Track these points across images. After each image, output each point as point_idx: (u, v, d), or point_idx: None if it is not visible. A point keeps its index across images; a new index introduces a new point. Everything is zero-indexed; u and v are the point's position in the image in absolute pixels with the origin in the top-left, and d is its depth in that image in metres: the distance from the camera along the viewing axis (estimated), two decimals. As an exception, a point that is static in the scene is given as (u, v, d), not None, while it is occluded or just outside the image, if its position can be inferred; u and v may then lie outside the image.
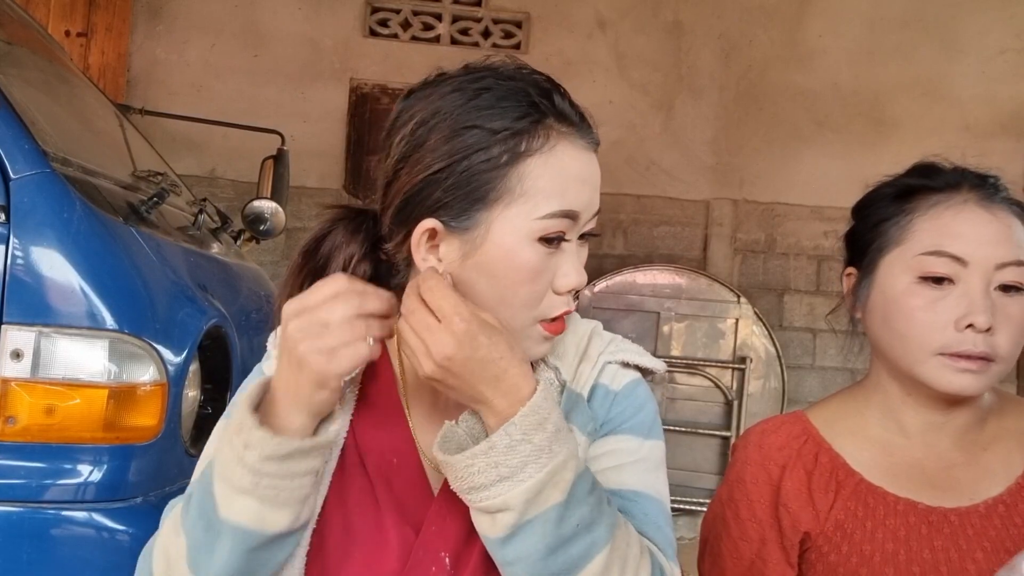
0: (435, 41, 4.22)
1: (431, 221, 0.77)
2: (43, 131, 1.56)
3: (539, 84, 0.79)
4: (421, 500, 0.80)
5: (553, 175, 0.76)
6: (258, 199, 2.53)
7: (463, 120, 0.76)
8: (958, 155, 1.03)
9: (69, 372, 1.41)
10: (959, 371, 0.92)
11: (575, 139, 0.78)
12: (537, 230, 0.76)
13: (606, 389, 0.85)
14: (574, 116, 0.79)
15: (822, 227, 4.24)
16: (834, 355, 4.22)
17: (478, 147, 0.75)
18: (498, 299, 0.77)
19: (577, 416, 0.82)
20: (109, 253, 1.49)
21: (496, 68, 0.80)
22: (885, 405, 1.02)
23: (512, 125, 0.76)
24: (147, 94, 3.99)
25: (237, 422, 0.72)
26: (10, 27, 1.93)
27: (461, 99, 0.77)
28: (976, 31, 4.28)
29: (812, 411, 1.07)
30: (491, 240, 0.76)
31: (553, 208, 0.76)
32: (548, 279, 0.78)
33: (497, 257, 0.76)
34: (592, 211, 0.80)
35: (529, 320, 0.78)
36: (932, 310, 0.93)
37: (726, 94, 4.31)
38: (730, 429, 3.93)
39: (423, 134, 0.77)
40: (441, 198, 0.76)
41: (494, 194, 0.75)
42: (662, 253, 4.27)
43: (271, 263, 4.06)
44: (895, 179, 1.03)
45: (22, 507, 1.40)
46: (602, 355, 0.87)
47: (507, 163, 0.75)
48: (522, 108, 0.76)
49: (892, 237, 0.98)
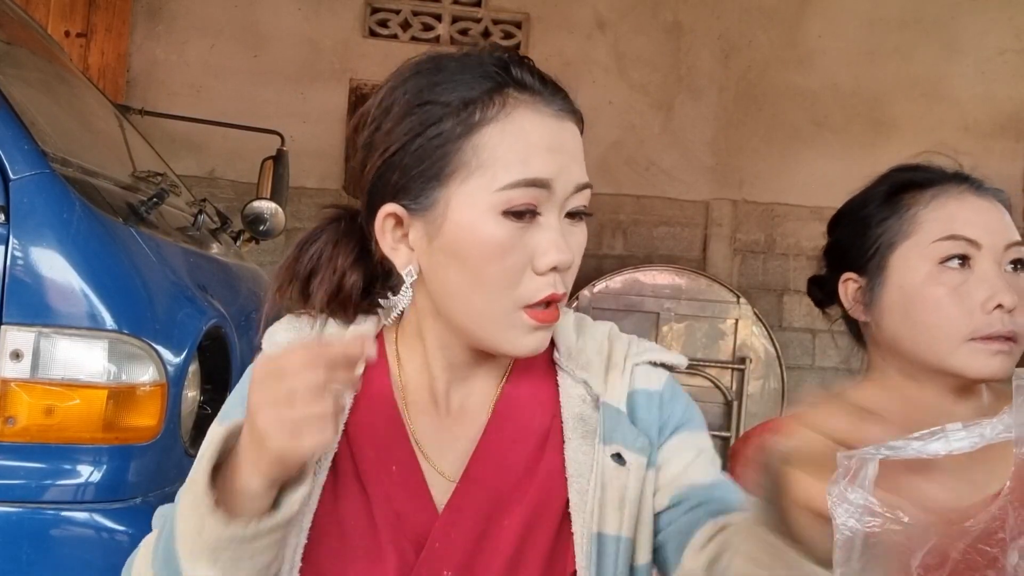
0: (435, 41, 4.22)
1: (391, 206, 0.74)
2: (43, 131, 1.56)
3: (496, 56, 0.75)
4: (422, 514, 0.76)
5: (511, 143, 0.71)
6: (258, 200, 2.54)
7: (416, 99, 0.73)
8: (957, 156, 1.04)
9: (69, 372, 1.41)
10: (992, 354, 0.92)
11: (538, 106, 0.73)
12: (499, 203, 0.70)
13: (647, 393, 0.81)
14: (535, 83, 0.74)
15: (822, 227, 4.17)
16: (834, 355, 4.20)
17: (430, 122, 0.72)
18: (470, 282, 0.72)
19: (622, 434, 0.77)
20: (109, 253, 1.49)
21: (460, 52, 0.77)
22: (895, 407, 1.01)
23: (464, 95, 0.71)
24: (147, 94, 3.98)
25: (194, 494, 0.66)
26: (10, 27, 1.93)
27: (416, 79, 0.74)
28: (975, 32, 4.28)
29: None
30: (450, 218, 0.71)
31: (514, 177, 0.70)
32: (524, 257, 0.71)
33: (459, 235, 0.71)
34: (572, 183, 0.73)
35: (510, 305, 0.72)
36: (957, 295, 0.93)
37: (725, 94, 4.32)
38: (730, 429, 3.93)
39: (380, 119, 0.75)
40: (399, 181, 0.73)
41: (449, 168, 0.71)
42: (662, 253, 4.27)
43: (271, 263, 4.05)
44: (883, 178, 1.03)
45: (22, 507, 1.40)
46: (627, 358, 0.82)
47: (460, 135, 0.71)
48: (476, 79, 0.72)
49: (900, 231, 0.98)
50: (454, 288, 0.73)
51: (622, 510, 0.75)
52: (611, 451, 0.76)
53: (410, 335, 0.82)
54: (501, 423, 0.80)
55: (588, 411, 0.79)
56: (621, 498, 0.76)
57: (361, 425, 0.78)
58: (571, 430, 0.78)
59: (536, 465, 0.78)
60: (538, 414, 0.81)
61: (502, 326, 0.73)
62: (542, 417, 0.80)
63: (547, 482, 0.77)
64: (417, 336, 0.81)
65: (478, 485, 0.77)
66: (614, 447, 0.76)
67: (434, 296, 0.76)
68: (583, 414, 0.79)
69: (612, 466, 0.76)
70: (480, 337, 0.75)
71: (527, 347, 0.74)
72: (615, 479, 0.76)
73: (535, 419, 0.80)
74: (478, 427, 0.80)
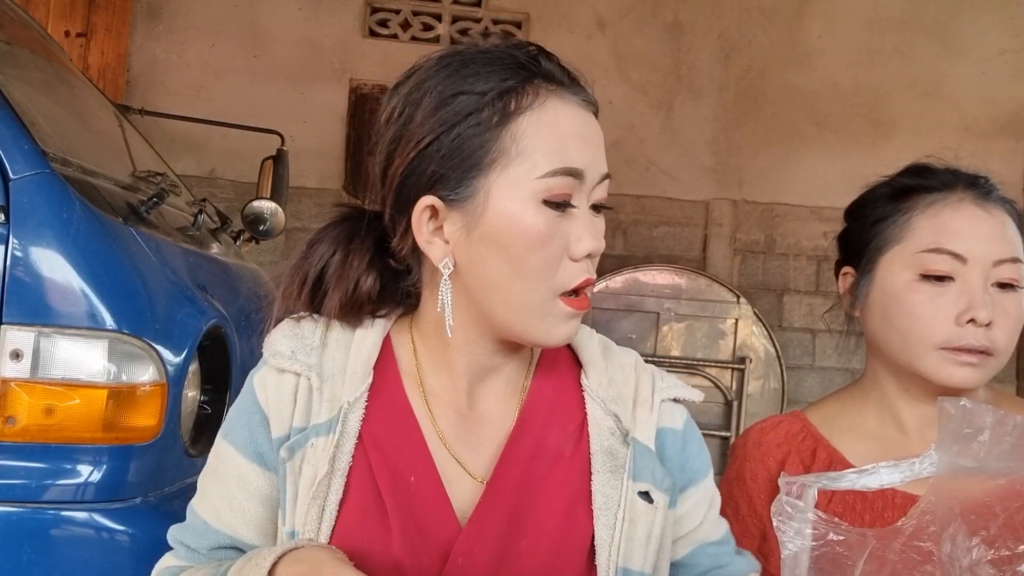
0: (435, 41, 4.22)
1: (429, 198, 0.74)
2: (43, 131, 1.56)
3: (524, 48, 0.76)
4: (443, 525, 0.75)
5: (548, 132, 0.72)
6: (258, 199, 2.53)
7: (449, 89, 0.73)
8: (957, 156, 1.04)
9: (69, 372, 1.41)
10: (960, 364, 0.93)
11: (567, 96, 0.75)
12: (539, 191, 0.72)
13: (673, 432, 0.83)
14: (562, 76, 0.76)
15: (821, 227, 4.24)
16: (833, 355, 4.21)
17: (466, 112, 0.72)
18: (511, 271, 0.72)
19: (651, 473, 0.78)
20: (109, 253, 1.49)
21: (480, 43, 0.77)
22: (882, 401, 1.03)
23: (499, 85, 0.72)
24: (147, 94, 3.98)
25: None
26: (10, 27, 1.93)
27: (445, 71, 0.75)
28: (975, 32, 4.28)
29: (810, 410, 1.08)
30: (492, 207, 0.72)
31: (553, 165, 0.72)
32: (561, 245, 0.73)
33: (501, 224, 0.72)
34: (598, 173, 0.75)
35: (548, 293, 0.73)
36: (933, 305, 0.94)
37: (725, 94, 4.32)
38: (730, 429, 3.93)
39: (410, 112, 0.75)
40: (436, 171, 0.73)
41: (488, 158, 0.72)
42: (662, 253, 4.27)
43: (271, 263, 4.05)
44: (890, 179, 1.04)
45: (22, 507, 1.40)
46: (655, 393, 0.83)
47: (498, 124, 0.72)
48: (508, 70, 0.73)
49: (891, 235, 0.99)
50: (495, 278, 0.73)
51: (647, 547, 0.77)
52: (639, 488, 0.77)
53: (429, 334, 0.81)
54: (525, 432, 0.80)
55: (617, 445, 0.79)
56: (648, 536, 0.77)
57: (376, 436, 0.77)
58: (599, 463, 0.78)
59: (562, 489, 0.78)
60: (562, 433, 0.80)
61: (540, 315, 0.74)
62: (565, 438, 0.80)
63: (572, 511, 0.77)
64: (437, 334, 0.79)
65: (502, 498, 0.76)
66: (643, 485, 0.77)
67: (471, 289, 0.76)
68: (612, 448, 0.79)
69: (640, 503, 0.77)
70: (518, 328, 0.75)
71: (562, 335, 0.75)
72: (643, 516, 0.77)
73: (558, 437, 0.80)
74: (504, 430, 0.80)
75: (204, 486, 0.82)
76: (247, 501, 0.79)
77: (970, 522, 0.67)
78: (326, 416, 0.76)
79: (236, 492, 0.79)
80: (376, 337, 0.81)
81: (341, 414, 0.76)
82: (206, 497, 0.82)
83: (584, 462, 0.79)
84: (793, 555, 0.65)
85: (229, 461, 0.80)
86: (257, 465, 0.79)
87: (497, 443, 0.79)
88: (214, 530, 0.80)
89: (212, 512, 0.80)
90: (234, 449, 0.80)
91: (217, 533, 0.80)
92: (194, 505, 0.83)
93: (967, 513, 0.68)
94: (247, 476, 0.79)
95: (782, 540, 0.66)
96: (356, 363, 0.78)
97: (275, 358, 0.79)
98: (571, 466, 0.78)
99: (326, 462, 0.74)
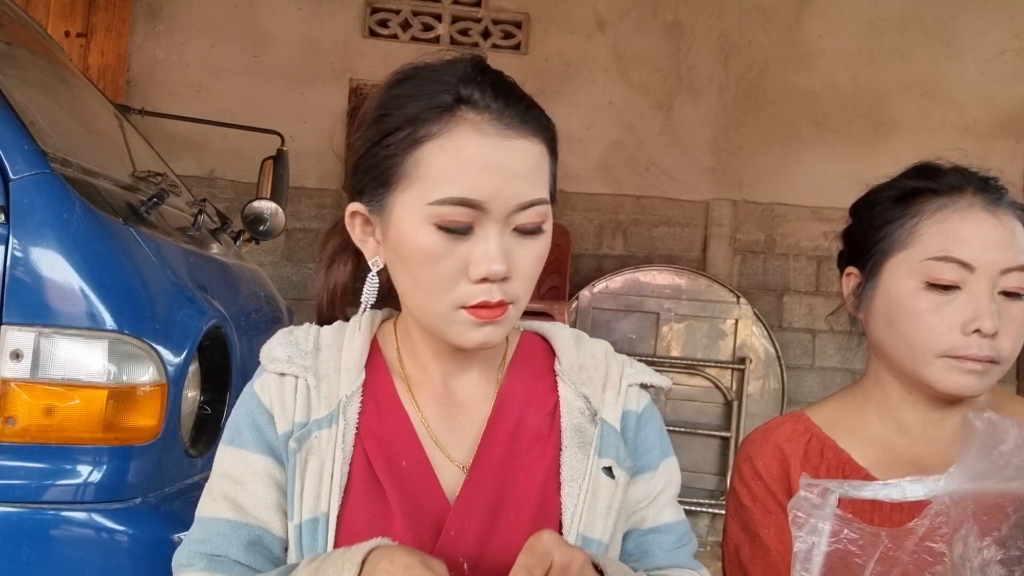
0: (435, 42, 4.22)
1: (355, 204, 0.82)
2: (43, 131, 1.56)
3: (463, 72, 0.78)
4: (434, 503, 0.80)
5: (447, 160, 0.74)
6: (258, 200, 2.53)
7: (383, 108, 0.80)
8: (957, 156, 1.03)
9: (69, 373, 1.41)
10: (964, 372, 0.92)
11: (483, 126, 0.75)
12: (430, 216, 0.75)
13: (635, 415, 0.88)
14: (491, 101, 0.76)
15: (822, 227, 4.24)
16: (834, 355, 4.22)
17: (386, 132, 0.78)
18: (411, 280, 0.79)
19: (615, 451, 0.84)
20: (109, 254, 1.49)
21: (434, 60, 0.81)
22: (885, 404, 1.02)
23: (414, 113, 0.77)
24: (147, 95, 3.99)
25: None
26: (10, 27, 1.93)
27: (390, 89, 0.81)
28: (975, 32, 4.28)
29: (811, 411, 1.07)
30: (394, 223, 0.78)
31: (444, 194, 0.74)
32: (458, 265, 0.76)
33: (400, 239, 0.77)
34: (513, 202, 0.75)
35: (447, 306, 0.77)
36: (939, 313, 0.93)
37: (725, 95, 4.32)
38: (730, 430, 3.93)
39: (359, 123, 0.82)
40: (360, 181, 0.81)
41: (395, 178, 0.77)
42: (662, 253, 4.27)
43: (271, 264, 4.06)
44: (897, 180, 1.02)
45: (22, 507, 1.40)
46: (623, 378, 0.88)
47: (406, 148, 0.76)
48: (432, 95, 0.77)
49: (898, 240, 0.97)
50: (402, 284, 0.81)
51: (607, 518, 0.83)
52: (603, 464, 0.83)
53: (405, 331, 0.89)
54: (503, 417, 0.85)
55: (585, 424, 0.85)
56: (608, 507, 0.83)
57: (371, 426, 0.83)
58: (568, 439, 0.84)
59: (536, 465, 0.83)
60: (538, 415, 0.86)
61: (444, 322, 0.79)
62: (542, 419, 0.86)
63: (546, 485, 0.83)
64: (406, 330, 0.88)
65: (486, 477, 0.82)
66: (606, 461, 0.83)
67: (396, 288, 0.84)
68: (581, 426, 0.85)
69: (604, 478, 0.83)
70: (432, 329, 0.81)
71: (474, 340, 0.79)
72: (605, 489, 0.83)
73: (535, 418, 0.86)
74: (483, 415, 0.86)
75: (215, 491, 0.83)
76: (268, 492, 0.82)
77: (982, 523, 0.67)
78: (326, 411, 0.82)
79: (255, 487, 0.81)
80: (364, 339, 0.86)
81: (340, 407, 0.81)
82: (220, 499, 0.82)
83: (557, 440, 0.85)
84: (806, 550, 0.65)
85: (241, 463, 0.82)
86: (269, 457, 0.82)
87: (477, 427, 0.85)
88: (243, 524, 0.81)
89: (234, 509, 0.81)
90: (244, 450, 0.83)
91: (248, 527, 0.81)
92: (207, 513, 0.82)
93: (979, 514, 0.68)
94: (263, 470, 0.82)
95: (796, 535, 0.66)
96: (349, 361, 0.84)
97: (273, 363, 0.84)
98: (546, 445, 0.84)
99: (331, 451, 0.79)
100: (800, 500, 0.66)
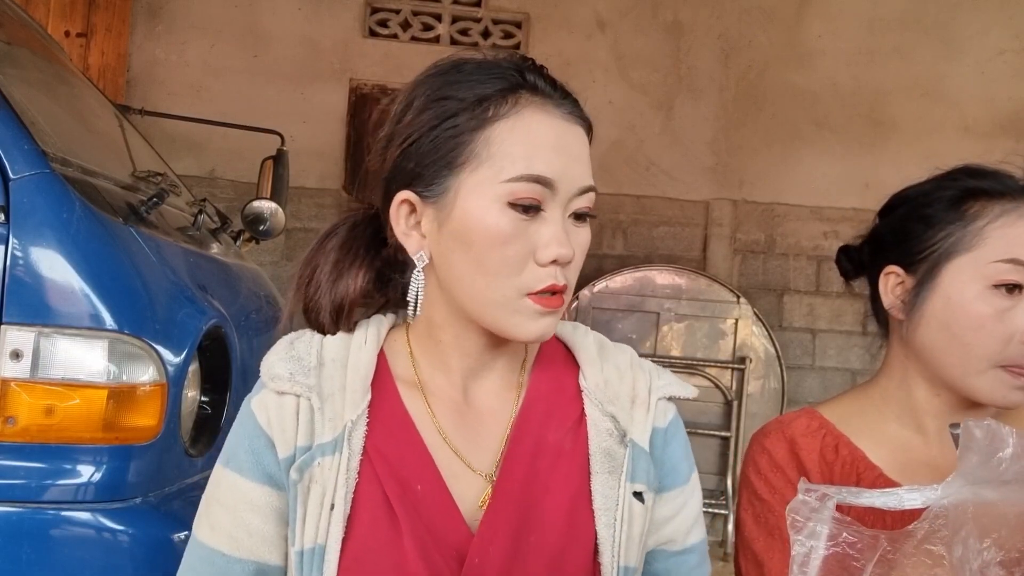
0: (435, 41, 4.22)
1: (405, 192, 0.79)
2: (43, 131, 1.56)
3: (513, 60, 0.80)
4: (452, 529, 0.77)
5: (519, 139, 0.75)
6: (258, 199, 2.53)
7: (436, 93, 0.78)
8: (957, 158, 1.02)
9: (69, 372, 1.41)
10: (1015, 388, 0.92)
11: (547, 107, 0.77)
12: (504, 194, 0.74)
13: (661, 432, 0.85)
14: (548, 88, 0.78)
15: (822, 227, 4.24)
16: (834, 355, 4.22)
17: (447, 115, 0.77)
18: (475, 266, 0.76)
19: (644, 473, 0.81)
20: (109, 253, 1.49)
21: (475, 53, 0.81)
22: (907, 405, 1.01)
23: (479, 92, 0.77)
24: (147, 94, 3.99)
25: None
26: (10, 27, 1.93)
27: (438, 77, 0.80)
28: (975, 32, 4.28)
29: (824, 408, 1.06)
30: (459, 205, 0.76)
31: (519, 171, 0.74)
32: (527, 247, 0.75)
33: (467, 222, 0.75)
34: (576, 185, 0.77)
35: (513, 292, 0.76)
36: (1000, 320, 0.92)
37: (725, 94, 4.32)
38: (730, 429, 3.93)
39: (402, 112, 0.80)
40: (414, 169, 0.78)
41: (460, 159, 0.76)
42: (662, 253, 4.27)
43: (271, 263, 4.06)
44: (952, 180, 1.00)
45: (22, 507, 1.40)
46: (651, 392, 0.86)
47: (474, 128, 0.76)
48: (492, 79, 0.77)
49: (961, 243, 0.95)
50: (461, 273, 0.77)
51: (640, 545, 0.81)
52: (634, 489, 0.81)
53: (422, 334, 0.85)
54: (527, 428, 0.82)
55: (615, 446, 0.82)
56: (641, 533, 0.81)
57: (381, 448, 0.79)
58: (598, 464, 0.81)
59: (562, 486, 0.80)
60: (559, 430, 0.83)
61: (507, 311, 0.76)
62: (563, 434, 0.83)
63: (575, 509, 0.80)
64: (429, 333, 0.84)
65: (511, 498, 0.79)
66: (637, 486, 0.81)
67: (444, 282, 0.80)
68: (610, 449, 0.82)
69: (636, 504, 0.81)
70: (488, 321, 0.78)
71: (534, 332, 0.77)
72: (638, 516, 0.81)
73: (556, 434, 0.83)
74: (502, 424, 0.83)
75: (212, 517, 0.81)
76: (264, 524, 0.79)
77: (982, 525, 0.67)
78: (330, 435, 0.78)
79: (250, 518, 0.79)
80: (370, 355, 0.83)
81: (345, 432, 0.77)
82: (217, 528, 0.80)
83: (583, 460, 0.82)
84: (804, 553, 0.65)
85: (236, 490, 0.80)
86: (268, 487, 0.79)
87: (497, 437, 0.82)
88: (237, 559, 0.79)
89: (229, 542, 0.79)
90: (240, 476, 0.80)
91: (241, 562, 0.79)
92: (202, 539, 0.81)
93: (979, 516, 0.68)
94: (258, 500, 0.79)
95: (795, 538, 0.66)
96: (354, 381, 0.80)
97: (274, 381, 0.80)
98: (571, 463, 0.81)
99: (334, 479, 0.76)
100: (798, 504, 0.66)
